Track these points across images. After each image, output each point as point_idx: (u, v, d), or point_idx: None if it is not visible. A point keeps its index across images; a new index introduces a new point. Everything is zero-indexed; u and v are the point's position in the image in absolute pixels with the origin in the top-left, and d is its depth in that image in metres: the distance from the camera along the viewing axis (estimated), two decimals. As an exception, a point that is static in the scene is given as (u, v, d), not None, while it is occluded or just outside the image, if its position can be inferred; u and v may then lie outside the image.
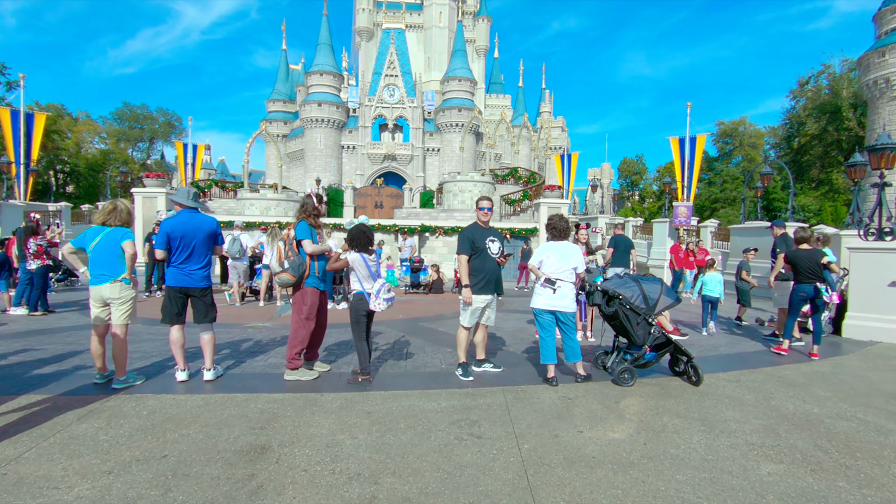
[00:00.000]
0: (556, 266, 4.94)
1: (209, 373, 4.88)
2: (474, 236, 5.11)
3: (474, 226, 5.26)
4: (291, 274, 4.85)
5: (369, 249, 4.92)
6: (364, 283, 4.86)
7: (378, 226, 20.80)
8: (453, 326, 8.30)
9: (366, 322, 4.97)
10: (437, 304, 11.62)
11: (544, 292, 4.95)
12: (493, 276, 5.17)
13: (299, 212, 5.00)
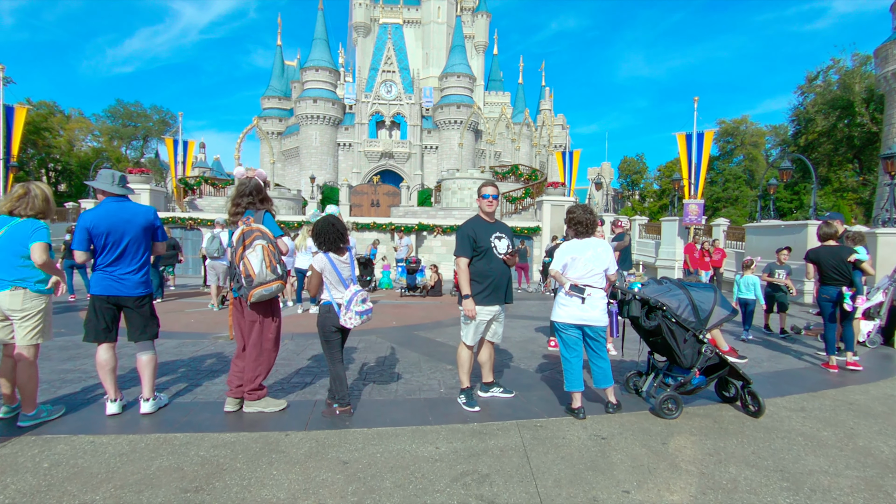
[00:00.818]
0: (583, 269, 3.96)
1: (147, 404, 3.87)
2: (476, 233, 4.13)
3: (476, 220, 4.27)
4: (285, 281, 3.88)
5: (340, 248, 3.92)
6: (333, 291, 3.87)
7: (373, 224, 19.81)
8: (453, 336, 7.30)
9: (339, 340, 3.97)
10: (434, 309, 10.62)
11: (570, 302, 3.96)
12: (501, 282, 4.18)
13: (244, 197, 3.95)
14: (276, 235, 3.88)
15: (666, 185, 65.33)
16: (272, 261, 3.73)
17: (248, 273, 3.63)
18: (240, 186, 3.96)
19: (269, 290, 3.71)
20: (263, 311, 3.88)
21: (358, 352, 6.26)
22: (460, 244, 4.13)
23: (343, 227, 3.87)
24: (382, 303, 11.68)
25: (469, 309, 4.09)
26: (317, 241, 3.83)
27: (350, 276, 3.89)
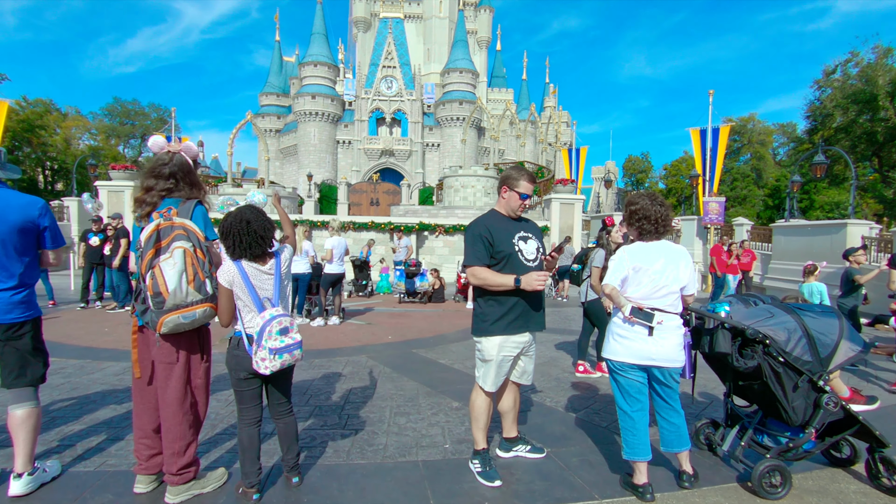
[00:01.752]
0: (651, 286, 2.75)
1: (19, 482, 2.67)
2: (492, 233, 2.94)
3: (492, 216, 3.07)
4: (215, 305, 2.67)
5: (258, 253, 2.68)
6: (244, 316, 2.64)
7: (371, 223, 18.63)
8: (459, 356, 6.08)
9: (253, 391, 2.72)
10: (437, 319, 9.42)
11: (632, 333, 2.75)
12: (530, 301, 2.99)
13: (161, 179, 2.73)
14: (210, 239, 2.68)
15: (672, 185, 64.21)
16: (198, 273, 2.53)
17: (159, 290, 2.43)
18: (156, 163, 2.76)
19: (191, 317, 2.51)
20: (186, 346, 2.67)
21: (342, 380, 5.06)
22: (471, 248, 2.93)
23: (264, 225, 2.62)
24: (379, 310, 10.50)
25: (489, 349, 2.92)
26: (224, 243, 2.61)
27: (273, 296, 2.67)
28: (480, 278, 2.88)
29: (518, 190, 2.98)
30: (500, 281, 2.85)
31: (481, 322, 2.99)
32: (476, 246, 2.91)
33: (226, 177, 27.80)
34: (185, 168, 2.79)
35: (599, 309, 5.39)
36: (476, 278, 2.89)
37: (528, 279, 2.80)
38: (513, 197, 3.00)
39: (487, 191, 25.14)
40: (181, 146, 2.82)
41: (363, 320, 9.10)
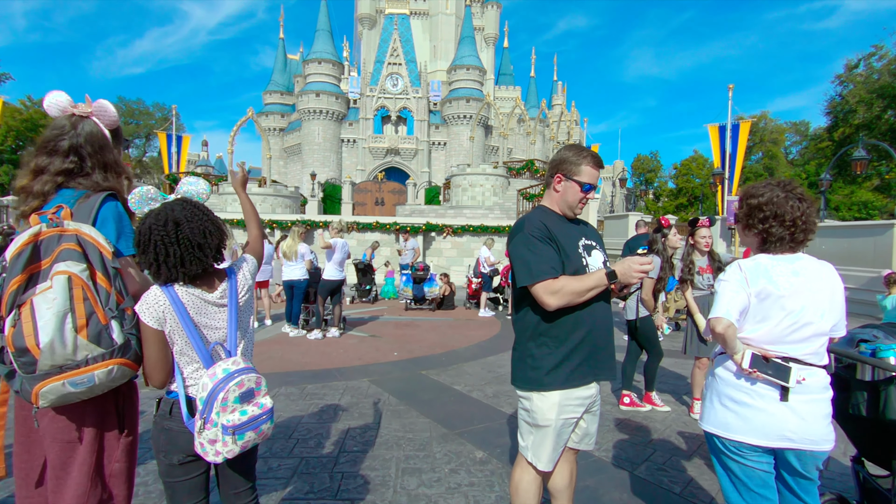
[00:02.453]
0: (787, 324, 1.82)
1: None
2: (556, 234, 2.04)
3: (543, 213, 2.15)
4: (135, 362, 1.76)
5: (198, 273, 1.76)
6: (184, 368, 1.73)
7: (376, 224, 17.78)
8: (477, 381, 5.17)
9: (196, 480, 1.79)
10: (448, 330, 8.53)
11: (755, 398, 1.82)
12: (599, 337, 2.09)
13: (56, 157, 1.80)
14: (122, 254, 1.79)
15: (683, 184, 63.00)
16: (96, 313, 1.62)
17: (24, 344, 1.52)
18: (51, 133, 1.86)
19: (86, 383, 1.58)
20: (94, 416, 1.77)
21: (338, 416, 4.18)
22: (535, 255, 2.00)
23: (205, 227, 1.72)
24: (385, 319, 9.62)
25: (545, 410, 2.03)
26: (142, 260, 1.69)
27: (229, 339, 1.78)
28: (562, 293, 1.94)
29: (579, 178, 2.07)
30: (590, 284, 1.96)
31: (531, 370, 2.09)
32: (540, 251, 1.98)
33: (225, 176, 27.05)
34: (97, 141, 1.89)
35: (651, 329, 4.49)
36: (555, 296, 1.94)
37: (626, 269, 1.92)
38: (571, 189, 2.09)
39: (496, 190, 24.23)
40: (93, 107, 1.92)
41: (366, 331, 8.22)
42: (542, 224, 2.05)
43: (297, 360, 6.12)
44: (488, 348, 7.09)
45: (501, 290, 11.36)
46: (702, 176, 62.83)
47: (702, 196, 58.01)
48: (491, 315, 10.28)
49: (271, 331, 8.09)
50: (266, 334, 7.83)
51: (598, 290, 1.98)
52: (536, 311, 2.07)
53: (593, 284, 1.96)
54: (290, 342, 7.27)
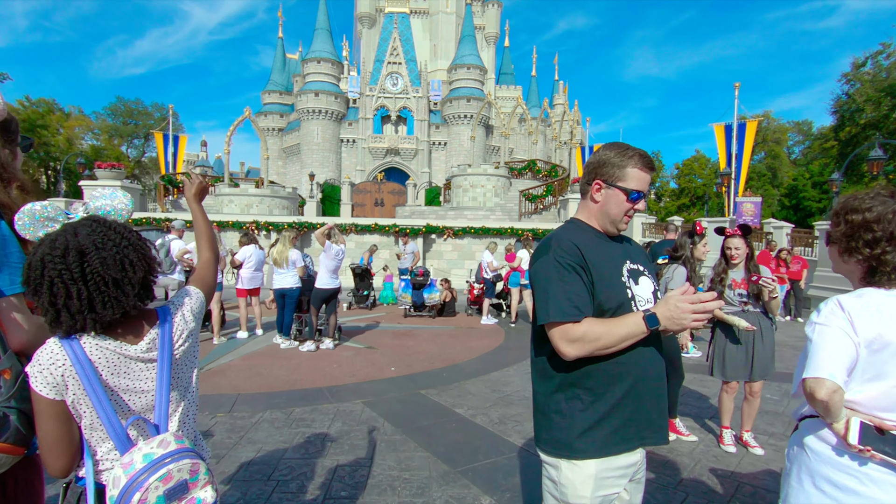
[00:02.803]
0: None
1: None
2: (589, 260, 1.57)
3: (576, 229, 1.69)
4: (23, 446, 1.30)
5: (115, 318, 1.28)
6: (95, 448, 1.27)
7: (375, 226, 17.33)
8: (481, 403, 4.69)
9: None
10: (448, 340, 8.07)
11: (866, 483, 1.36)
12: (647, 391, 1.60)
13: None
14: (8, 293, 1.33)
15: (685, 184, 62.54)
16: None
17: None
18: None
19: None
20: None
21: (326, 448, 3.72)
22: (558, 288, 1.54)
23: (123, 256, 1.27)
24: (383, 327, 9.17)
25: (575, 485, 1.56)
26: (36, 301, 1.24)
27: (158, 409, 1.31)
28: (584, 342, 1.49)
29: (624, 185, 1.61)
30: (622, 333, 1.48)
31: (559, 431, 1.61)
32: (565, 282, 1.53)
33: (222, 177, 26.62)
34: None
35: (674, 348, 4.04)
36: (574, 345, 1.50)
37: (674, 313, 1.44)
38: (614, 198, 1.63)
39: (498, 191, 23.79)
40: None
41: (362, 342, 7.76)
42: (574, 246, 1.58)
43: (285, 378, 5.67)
44: (492, 362, 6.63)
45: (504, 296, 10.91)
46: (704, 176, 62.36)
47: (706, 196, 57.59)
48: (494, 323, 9.82)
49: (262, 342, 7.64)
50: (256, 345, 7.37)
51: (633, 340, 1.50)
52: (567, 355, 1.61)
53: (626, 334, 1.48)
54: (280, 355, 6.82)
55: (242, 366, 6.19)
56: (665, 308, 1.46)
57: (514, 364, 6.51)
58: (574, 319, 1.49)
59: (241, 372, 5.89)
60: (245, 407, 4.62)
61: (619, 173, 1.61)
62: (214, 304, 7.49)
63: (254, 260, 7.95)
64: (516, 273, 9.66)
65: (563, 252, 1.57)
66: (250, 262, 7.93)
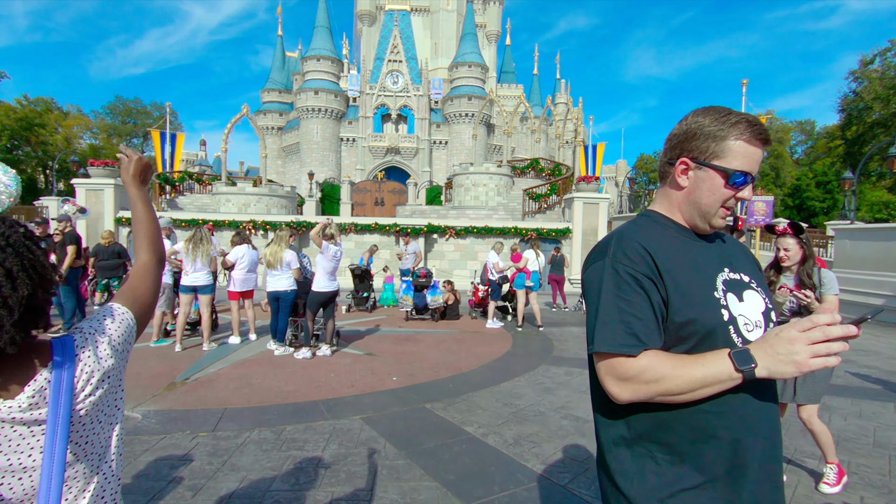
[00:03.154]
0: None
1: None
2: (662, 269, 1.11)
3: (649, 227, 1.22)
4: None
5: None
6: None
7: (375, 225, 16.89)
8: (493, 420, 4.21)
9: None
10: (453, 345, 7.62)
11: None
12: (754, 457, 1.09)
13: None
14: None
15: (687, 184, 62.17)
16: None
17: None
18: None
19: None
20: None
21: (319, 477, 3.26)
22: (607, 303, 1.10)
23: (7, 263, 0.85)
24: (383, 331, 8.71)
25: None
26: None
27: (41, 492, 0.85)
28: (639, 383, 1.05)
29: (725, 164, 1.14)
30: (701, 374, 1.02)
31: (623, 500, 1.15)
32: (625, 299, 1.10)
33: (219, 176, 26.18)
34: None
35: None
36: (625, 386, 1.06)
37: (778, 346, 0.98)
38: (708, 182, 1.17)
39: (500, 190, 23.34)
40: None
41: (361, 348, 7.31)
42: (641, 248, 1.13)
43: (278, 389, 5.22)
44: (501, 370, 6.18)
45: (510, 298, 10.45)
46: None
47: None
48: (499, 326, 9.37)
49: (255, 347, 7.19)
50: (248, 352, 6.92)
51: (717, 389, 1.03)
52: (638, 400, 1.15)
53: (705, 377, 1.02)
54: (274, 363, 6.36)
55: (232, 375, 5.74)
56: (775, 345, 0.99)
57: (524, 373, 6.05)
58: (628, 352, 1.05)
59: (230, 382, 5.44)
60: (231, 424, 4.16)
61: (715, 147, 1.15)
62: (205, 308, 7.05)
63: (246, 261, 7.49)
64: (522, 274, 9.22)
65: (626, 257, 1.12)
66: (243, 264, 7.47)
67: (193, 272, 7.04)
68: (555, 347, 7.63)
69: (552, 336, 8.55)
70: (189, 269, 6.96)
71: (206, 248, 7.14)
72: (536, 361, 6.70)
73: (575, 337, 8.55)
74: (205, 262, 7.11)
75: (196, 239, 7.09)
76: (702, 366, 1.03)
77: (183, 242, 7.26)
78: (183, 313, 7.12)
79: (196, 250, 7.02)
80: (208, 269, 7.20)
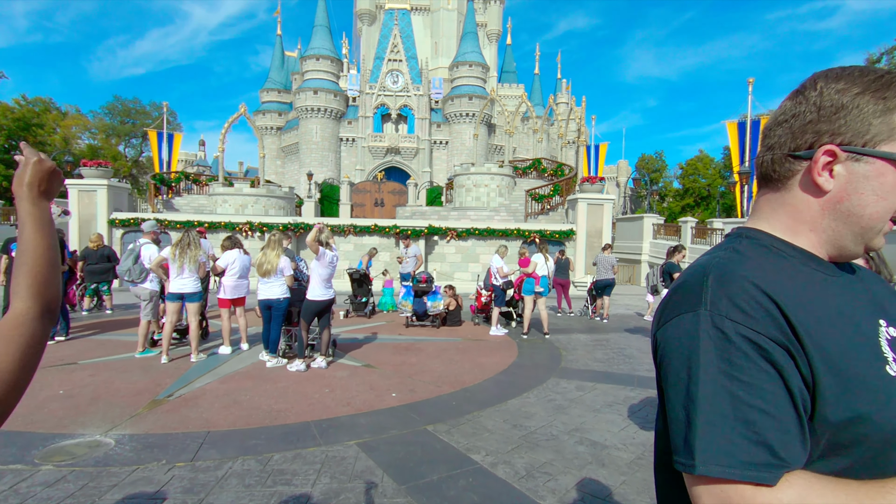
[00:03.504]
0: None
1: None
2: (804, 325, 0.69)
3: (760, 255, 0.79)
4: None
5: None
6: None
7: (374, 227, 16.50)
8: (502, 444, 3.79)
9: None
10: (455, 355, 7.22)
11: None
12: None
13: None
14: None
15: (689, 184, 61.74)
16: None
17: None
18: None
19: None
20: None
21: (308, 520, 2.86)
22: (702, 384, 0.67)
23: None
24: (382, 339, 8.31)
25: None
26: None
27: None
28: None
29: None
30: None
31: None
32: (744, 384, 0.66)
33: (217, 176, 25.77)
34: None
35: None
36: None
37: None
38: (875, 180, 0.74)
39: (502, 190, 22.93)
40: None
41: (359, 358, 6.91)
42: (761, 294, 0.71)
43: (268, 407, 4.82)
44: (507, 384, 5.78)
45: (515, 303, 10.06)
46: (709, 176, 61.63)
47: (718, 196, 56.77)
48: (503, 334, 8.98)
49: (246, 358, 6.79)
50: (239, 364, 6.52)
51: None
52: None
53: None
54: (265, 376, 5.96)
55: (219, 391, 5.34)
56: None
57: (533, 388, 5.66)
58: (757, 478, 0.64)
59: (217, 399, 5.04)
60: (213, 452, 3.76)
61: (881, 125, 0.74)
62: (193, 317, 6.65)
63: (237, 266, 7.09)
64: (530, 280, 8.81)
65: (737, 308, 0.71)
66: (233, 269, 7.08)
67: (181, 279, 6.64)
68: (563, 358, 7.24)
69: (559, 344, 8.15)
70: (176, 275, 6.56)
71: (195, 254, 6.72)
72: (545, 374, 6.30)
73: (583, 345, 8.16)
74: (192, 268, 6.69)
75: (183, 244, 6.69)
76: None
77: (170, 247, 6.86)
78: (170, 322, 6.72)
79: (183, 256, 6.62)
80: (196, 276, 6.79)
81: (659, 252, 21.75)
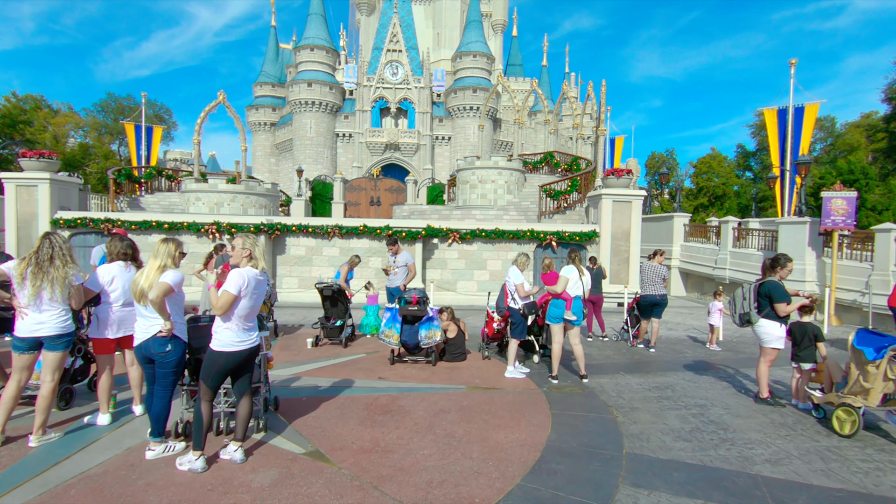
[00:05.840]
0: None
1: None
2: None
3: None
4: None
5: None
6: None
7: (363, 228, 13.96)
8: None
9: None
10: (457, 426, 4.66)
11: None
12: None
13: None
14: None
15: (703, 183, 59.07)
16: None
17: None
18: None
19: None
20: None
21: None
22: None
23: None
24: (352, 390, 5.74)
25: None
26: None
27: None
28: None
29: None
30: None
31: None
32: None
33: (192, 172, 23.29)
34: None
35: None
36: None
37: None
38: None
39: (511, 187, 20.38)
40: None
41: (306, 434, 4.37)
42: None
43: None
44: (545, 501, 3.24)
45: (538, 330, 7.50)
46: (722, 174, 59.23)
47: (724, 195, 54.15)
48: (524, 376, 6.47)
49: (128, 435, 4.27)
50: (108, 450, 4.00)
51: None
52: None
53: None
54: (130, 481, 3.45)
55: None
56: None
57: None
58: None
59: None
60: None
61: None
62: (49, 373, 4.16)
63: (120, 289, 4.58)
64: (558, 302, 6.28)
65: None
66: (115, 293, 4.57)
67: (36, 313, 4.14)
68: (622, 429, 4.69)
69: (606, 397, 5.62)
70: (26, 307, 4.08)
71: (61, 273, 4.19)
72: (604, 475, 3.77)
73: (643, 399, 5.61)
74: (56, 294, 4.18)
75: (41, 258, 4.18)
76: None
77: (15, 262, 4.35)
78: (15, 383, 4.21)
79: (39, 276, 4.11)
80: (62, 307, 4.27)
81: (692, 257, 19.13)
